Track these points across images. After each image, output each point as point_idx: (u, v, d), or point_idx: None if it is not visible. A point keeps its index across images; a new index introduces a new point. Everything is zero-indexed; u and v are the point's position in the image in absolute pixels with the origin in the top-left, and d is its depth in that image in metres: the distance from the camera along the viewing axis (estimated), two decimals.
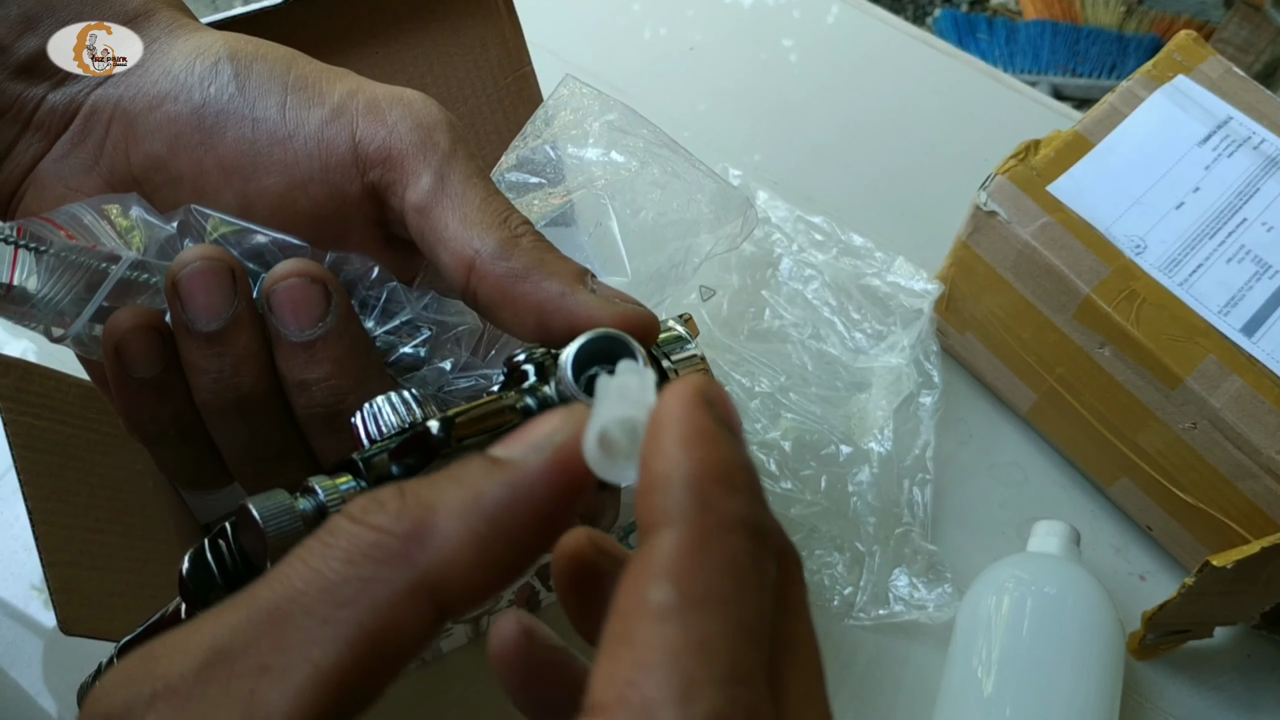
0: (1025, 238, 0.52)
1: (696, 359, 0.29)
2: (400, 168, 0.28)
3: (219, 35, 0.30)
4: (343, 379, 0.27)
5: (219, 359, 0.27)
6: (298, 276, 0.27)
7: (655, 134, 0.37)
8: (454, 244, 0.27)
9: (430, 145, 0.28)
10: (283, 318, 0.27)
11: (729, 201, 0.36)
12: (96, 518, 0.42)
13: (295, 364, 0.27)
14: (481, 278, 0.27)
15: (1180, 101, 0.55)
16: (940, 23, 1.79)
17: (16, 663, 0.52)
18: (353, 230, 0.30)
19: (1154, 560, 0.56)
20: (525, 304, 0.27)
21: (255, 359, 0.27)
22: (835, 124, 0.71)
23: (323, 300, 0.27)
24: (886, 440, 0.56)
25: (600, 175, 0.35)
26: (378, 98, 0.29)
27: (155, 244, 0.28)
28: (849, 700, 0.52)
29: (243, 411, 0.28)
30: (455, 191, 0.28)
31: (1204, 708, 0.52)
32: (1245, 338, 0.49)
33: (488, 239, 0.27)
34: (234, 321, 0.27)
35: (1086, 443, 0.56)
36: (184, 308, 0.27)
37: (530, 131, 0.36)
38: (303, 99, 0.29)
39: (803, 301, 0.60)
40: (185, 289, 0.27)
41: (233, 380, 0.27)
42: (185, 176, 0.29)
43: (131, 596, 0.40)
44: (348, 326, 0.28)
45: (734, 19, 0.78)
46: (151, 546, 0.43)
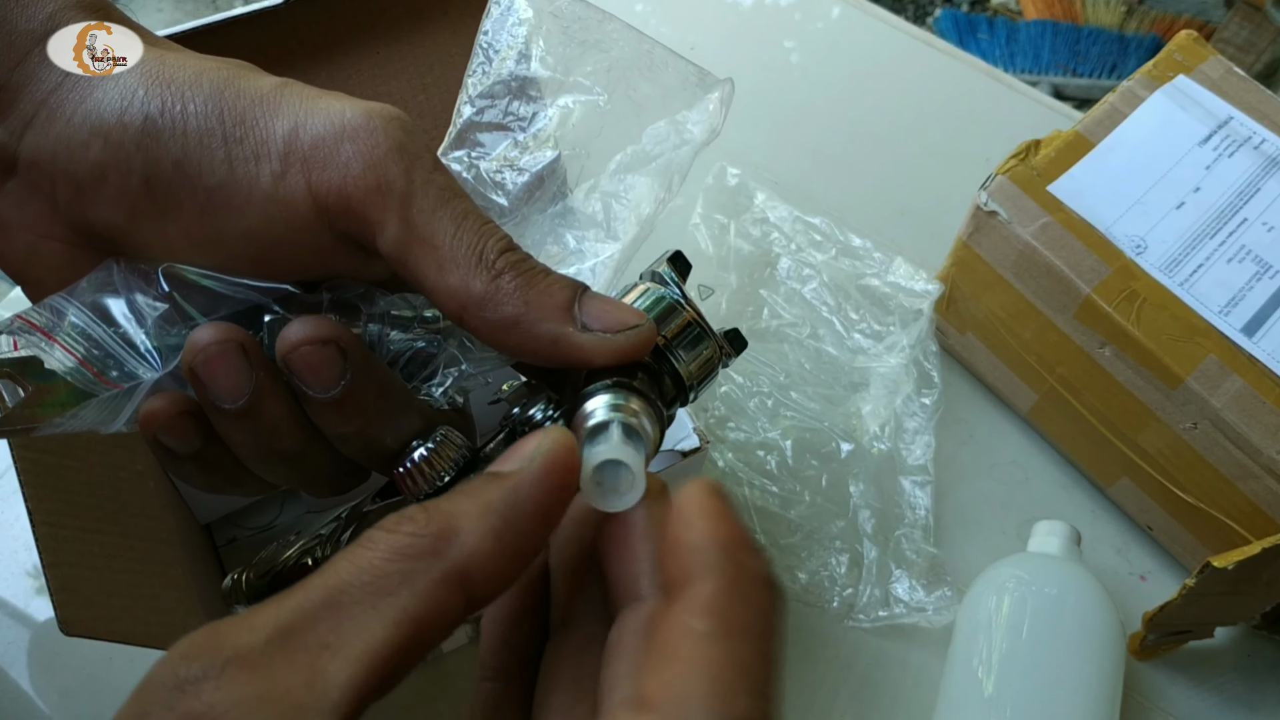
0: (1026, 238, 0.52)
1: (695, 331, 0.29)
2: (362, 217, 0.27)
3: (134, 68, 0.28)
4: (376, 425, 0.28)
5: (254, 432, 0.27)
6: (309, 344, 0.26)
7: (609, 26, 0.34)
8: (436, 295, 0.27)
9: (386, 186, 0.27)
10: (306, 382, 0.27)
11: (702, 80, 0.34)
12: (97, 518, 0.42)
13: (328, 420, 0.28)
14: (473, 328, 0.27)
15: (1181, 101, 0.55)
16: (941, 23, 1.79)
17: (16, 663, 0.52)
18: (337, 265, 0.29)
19: (1154, 560, 0.56)
20: (518, 351, 0.27)
21: (288, 421, 0.27)
22: (836, 124, 0.71)
23: (338, 359, 0.27)
24: (886, 440, 0.56)
25: (571, 107, 0.33)
26: (322, 136, 0.27)
27: (152, 320, 0.28)
28: (849, 701, 0.52)
29: (289, 463, 0.28)
30: (422, 235, 0.27)
31: (1204, 708, 0.52)
32: (1246, 338, 0.49)
33: (470, 288, 0.26)
34: (258, 394, 0.27)
35: (1087, 443, 0.56)
36: (207, 390, 0.27)
37: (479, 60, 0.34)
38: (247, 151, 0.27)
39: (801, 301, 0.60)
40: (204, 374, 0.26)
41: (273, 445, 0.28)
42: (152, 244, 0.28)
43: (131, 596, 0.40)
44: (369, 374, 0.27)
45: (735, 19, 0.78)
46: (151, 546, 0.43)
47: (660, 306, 0.30)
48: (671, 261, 0.31)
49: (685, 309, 0.30)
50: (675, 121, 0.34)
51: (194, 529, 0.52)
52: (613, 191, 0.34)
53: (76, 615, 0.37)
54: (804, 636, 0.53)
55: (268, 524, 0.54)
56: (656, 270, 0.31)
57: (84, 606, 0.38)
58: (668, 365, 0.29)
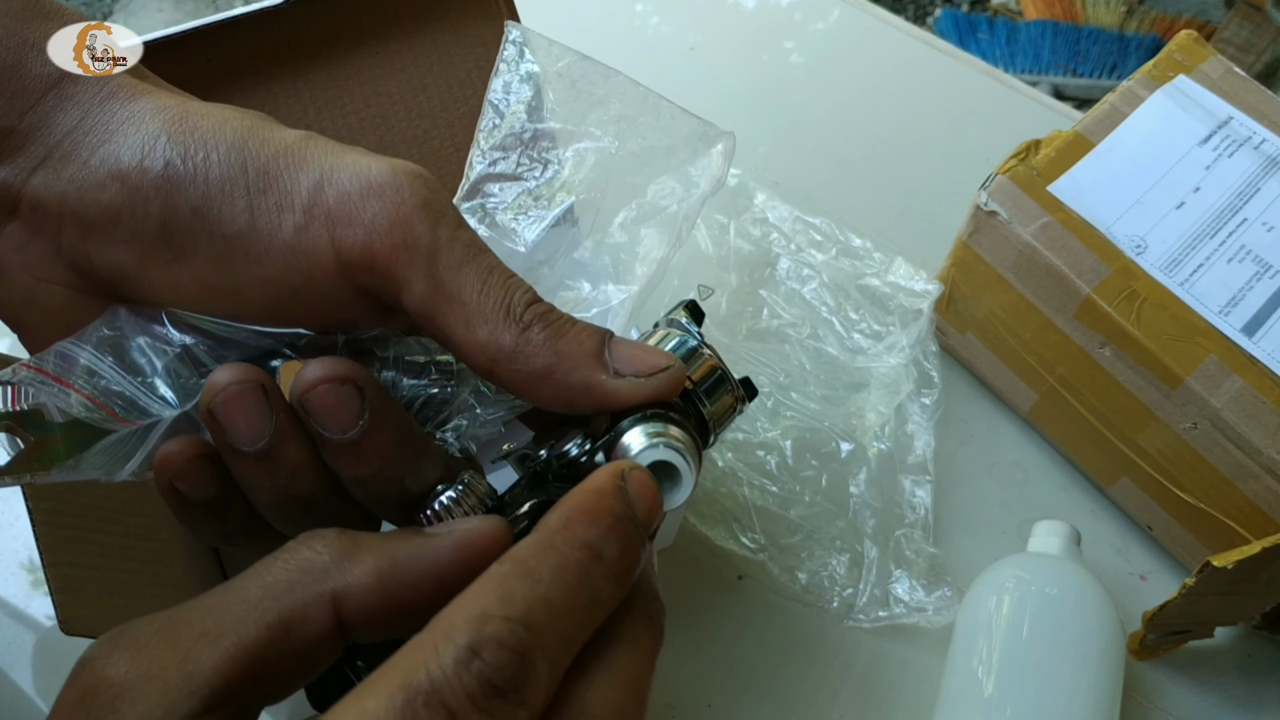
0: (1026, 238, 0.52)
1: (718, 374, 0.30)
2: (387, 274, 0.27)
3: (158, 116, 0.28)
4: (395, 467, 0.27)
5: (273, 475, 0.27)
6: (326, 383, 0.26)
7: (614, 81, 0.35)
8: (466, 351, 0.27)
9: (412, 243, 0.27)
10: (322, 423, 0.26)
11: (705, 133, 0.35)
12: (97, 518, 0.42)
13: (345, 463, 0.27)
14: (503, 381, 0.27)
15: (1181, 101, 0.55)
16: (941, 23, 1.79)
17: (16, 663, 0.52)
18: (352, 317, 0.29)
19: (1155, 560, 0.56)
20: (551, 402, 0.28)
21: (307, 464, 0.27)
22: (836, 124, 0.71)
23: (356, 399, 0.26)
24: (886, 440, 0.56)
25: (582, 155, 0.34)
26: (348, 192, 0.27)
27: (165, 362, 0.27)
28: (849, 702, 0.52)
29: (306, 510, 0.28)
30: (449, 292, 0.27)
31: (1204, 708, 0.52)
32: (1246, 338, 0.49)
33: (500, 342, 0.27)
34: (278, 436, 0.26)
35: (1087, 443, 0.56)
36: (226, 433, 0.26)
37: (490, 115, 0.35)
38: (270, 202, 0.27)
39: (800, 301, 0.60)
40: (223, 416, 0.26)
41: (291, 490, 0.27)
42: (161, 288, 0.28)
43: (131, 596, 0.40)
44: (387, 415, 0.27)
45: (735, 19, 0.78)
46: (151, 546, 0.43)
47: (683, 350, 0.30)
48: (687, 309, 0.31)
49: (708, 353, 0.30)
50: (681, 174, 0.34)
51: None
52: (621, 244, 0.34)
53: (77, 615, 0.37)
54: (803, 637, 0.53)
55: None
56: (673, 317, 0.31)
57: (84, 606, 0.38)
58: (692, 408, 0.29)
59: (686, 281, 0.62)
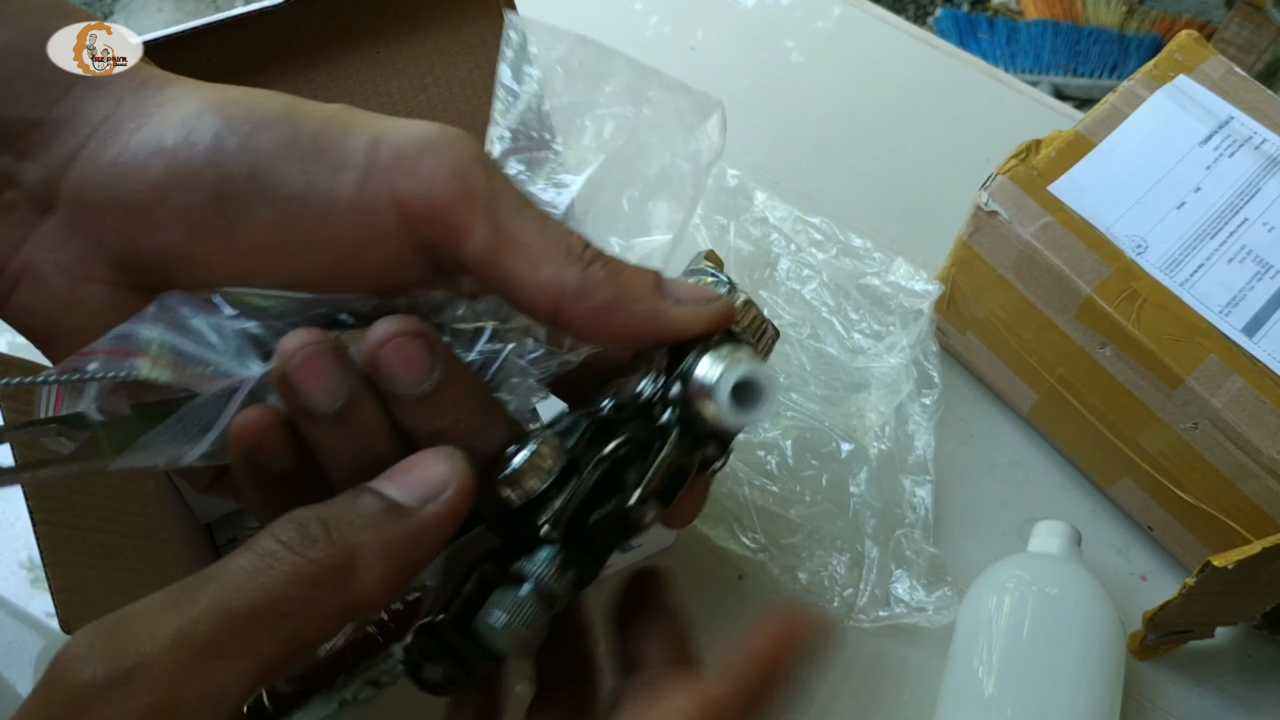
0: (1026, 238, 0.52)
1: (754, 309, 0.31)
2: (448, 223, 0.27)
3: (196, 95, 0.28)
4: (469, 420, 0.28)
5: (352, 437, 0.27)
6: (398, 337, 0.26)
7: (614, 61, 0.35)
8: (531, 293, 0.27)
9: (471, 192, 0.27)
10: (398, 378, 0.26)
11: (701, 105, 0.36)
12: (98, 517, 0.42)
13: (421, 418, 0.27)
14: (569, 319, 0.28)
15: (1181, 101, 0.55)
16: (941, 23, 1.79)
17: (17, 663, 0.52)
18: (409, 280, 0.29)
19: (1155, 560, 0.56)
20: (617, 334, 0.28)
21: (382, 426, 0.27)
22: (836, 124, 0.71)
23: (427, 352, 0.27)
24: (886, 440, 0.56)
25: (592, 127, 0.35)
26: (402, 148, 0.27)
27: (232, 331, 0.27)
28: (849, 702, 0.52)
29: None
30: (511, 235, 0.27)
31: (1205, 708, 0.52)
32: (1246, 338, 0.49)
33: (565, 280, 0.27)
34: (355, 396, 0.26)
35: (1087, 443, 0.56)
36: (301, 397, 0.26)
37: (502, 97, 0.35)
38: (325, 165, 0.27)
39: (800, 301, 0.60)
40: (298, 379, 0.26)
41: (369, 453, 0.27)
42: (214, 264, 0.27)
43: (132, 596, 0.40)
44: (456, 368, 0.27)
45: (736, 18, 0.77)
46: (152, 546, 0.43)
47: (722, 289, 0.30)
48: (708, 258, 0.32)
49: (744, 293, 0.31)
50: (682, 148, 0.35)
51: (194, 529, 0.52)
52: (630, 215, 0.35)
53: (77, 614, 0.37)
54: None
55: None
56: (696, 268, 0.32)
57: (85, 605, 0.38)
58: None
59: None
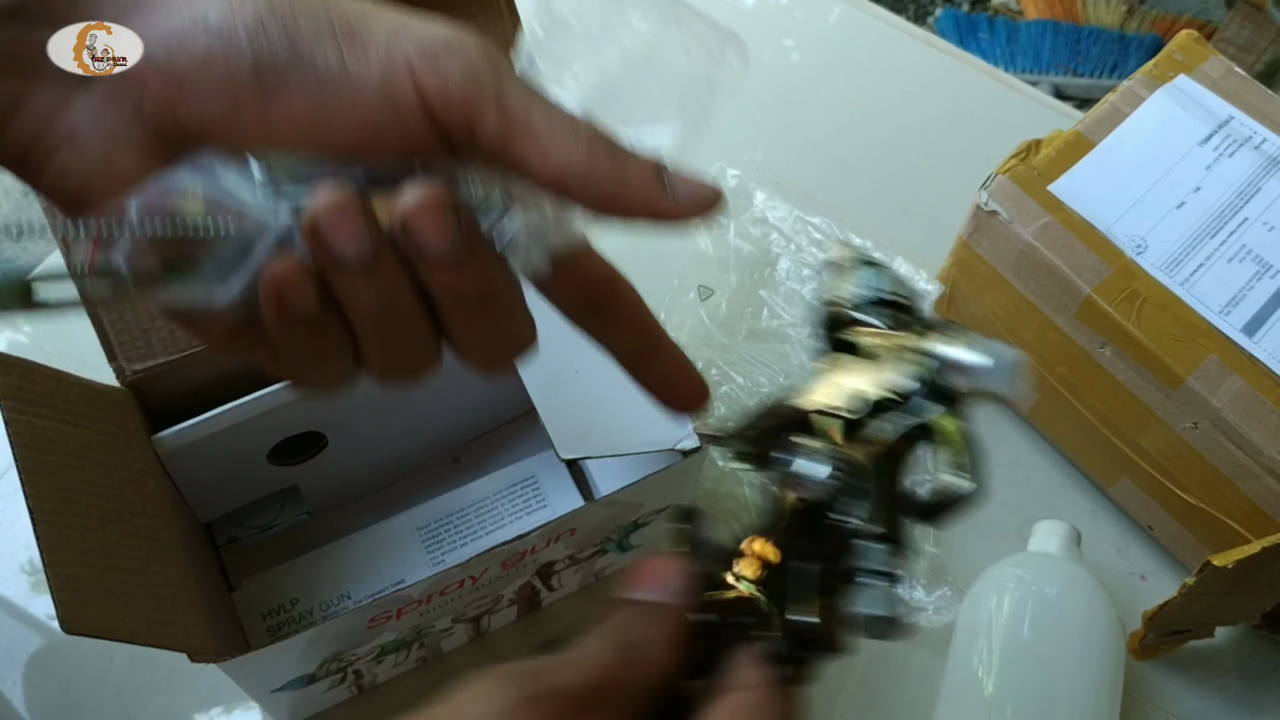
0: (1026, 237, 0.52)
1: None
2: (462, 112, 0.29)
3: None
4: (496, 281, 0.30)
5: (377, 289, 0.29)
6: (429, 201, 0.28)
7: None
8: (539, 174, 0.29)
9: (484, 83, 0.29)
10: (427, 240, 0.28)
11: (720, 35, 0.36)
12: (98, 517, 0.42)
13: (448, 280, 0.29)
14: (578, 196, 0.29)
15: (1181, 101, 0.55)
16: (941, 22, 1.79)
17: (16, 662, 0.52)
18: (428, 155, 0.31)
19: (1155, 560, 0.56)
20: (619, 214, 0.30)
21: (408, 285, 0.29)
22: (836, 124, 0.71)
23: (454, 215, 0.29)
24: None
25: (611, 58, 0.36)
26: (421, 40, 0.29)
27: (262, 180, 0.29)
28: (849, 702, 0.52)
29: (404, 333, 0.30)
30: (521, 121, 0.29)
31: (1204, 708, 0.52)
32: (1246, 337, 0.49)
33: (571, 160, 0.29)
34: (382, 246, 0.28)
35: (1087, 442, 0.56)
36: (330, 246, 0.28)
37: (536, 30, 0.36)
38: (357, 48, 0.29)
39: (801, 301, 0.60)
40: (327, 228, 0.28)
41: (393, 307, 0.29)
42: (250, 133, 0.29)
43: (132, 596, 0.40)
44: (478, 235, 0.29)
45: (735, 18, 0.77)
46: (152, 546, 0.43)
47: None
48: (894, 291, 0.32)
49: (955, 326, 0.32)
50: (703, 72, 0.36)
51: (194, 528, 0.52)
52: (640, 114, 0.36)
53: (78, 614, 0.37)
54: None
55: (268, 523, 0.54)
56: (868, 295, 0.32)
57: (85, 605, 0.38)
58: None
59: (687, 282, 0.62)
